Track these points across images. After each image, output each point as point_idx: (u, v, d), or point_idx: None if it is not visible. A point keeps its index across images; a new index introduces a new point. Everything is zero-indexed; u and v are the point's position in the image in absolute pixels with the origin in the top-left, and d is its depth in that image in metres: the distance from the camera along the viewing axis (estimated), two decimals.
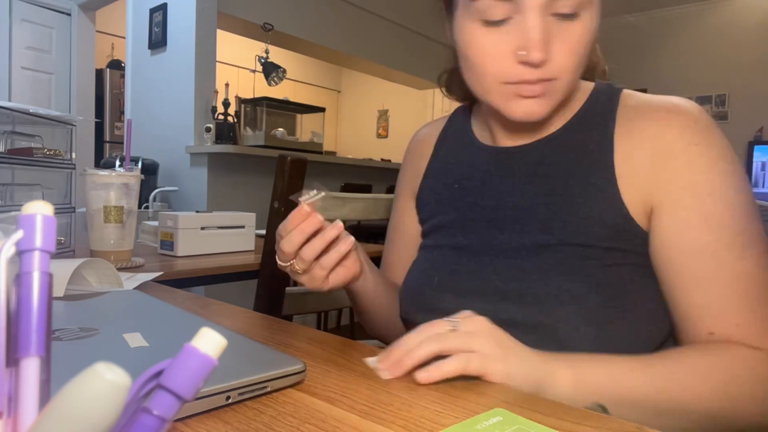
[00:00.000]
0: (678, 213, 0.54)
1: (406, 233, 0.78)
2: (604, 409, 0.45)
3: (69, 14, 4.27)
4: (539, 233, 0.59)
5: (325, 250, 0.57)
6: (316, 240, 0.56)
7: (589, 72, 0.66)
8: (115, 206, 1.00)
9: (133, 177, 1.03)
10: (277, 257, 0.60)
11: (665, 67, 5.03)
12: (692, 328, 0.54)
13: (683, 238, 0.53)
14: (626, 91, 0.62)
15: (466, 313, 0.48)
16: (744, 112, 4.63)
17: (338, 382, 0.44)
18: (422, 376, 0.43)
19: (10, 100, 3.91)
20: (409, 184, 0.79)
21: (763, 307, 0.51)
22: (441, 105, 6.00)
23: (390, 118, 6.79)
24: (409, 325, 0.69)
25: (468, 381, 0.45)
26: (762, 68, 4.56)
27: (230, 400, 0.38)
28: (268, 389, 0.40)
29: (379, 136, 6.88)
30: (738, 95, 4.68)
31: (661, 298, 0.57)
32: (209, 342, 0.18)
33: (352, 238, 0.59)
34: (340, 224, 0.55)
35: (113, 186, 1.00)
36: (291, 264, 0.58)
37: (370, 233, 3.13)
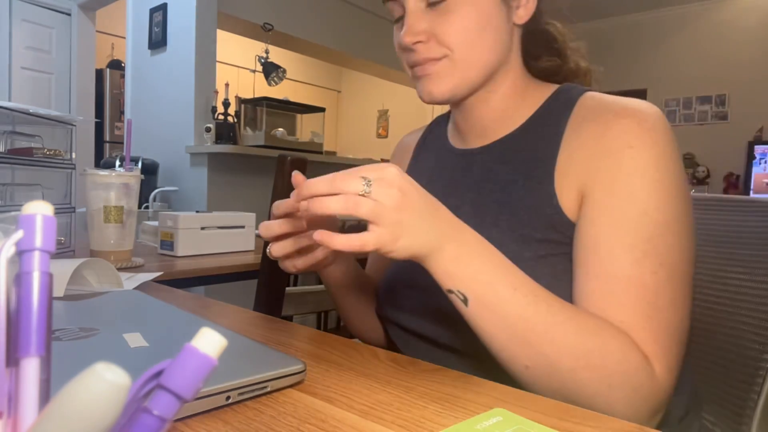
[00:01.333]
0: (592, 209, 0.54)
1: None
2: (464, 301, 0.47)
3: (69, 14, 4.27)
4: (491, 228, 0.60)
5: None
6: (288, 243, 0.56)
7: (568, 74, 0.70)
8: (115, 206, 1.00)
9: (133, 177, 1.03)
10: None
11: (665, 67, 5.03)
12: None
13: (587, 232, 0.54)
14: (589, 93, 0.62)
15: (383, 170, 0.46)
16: (744, 112, 4.63)
17: (338, 382, 0.44)
18: (317, 237, 0.45)
19: (10, 100, 3.91)
20: None
21: (650, 313, 0.50)
22: (441, 105, 6.00)
23: (390, 118, 6.79)
24: (383, 321, 0.72)
25: (468, 381, 0.45)
26: (762, 68, 4.55)
27: (230, 400, 0.38)
28: (268, 389, 0.40)
29: (379, 136, 6.88)
30: (738, 95, 4.68)
31: None
32: (209, 342, 0.18)
33: (325, 252, 0.59)
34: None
35: (113, 186, 1.00)
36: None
37: None
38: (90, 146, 4.27)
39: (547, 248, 0.57)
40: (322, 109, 3.95)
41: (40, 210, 0.19)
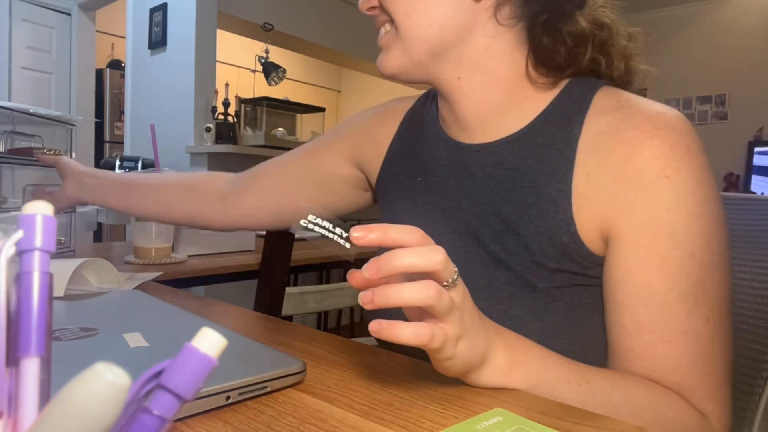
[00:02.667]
0: (632, 251, 0.49)
1: (320, 168, 0.75)
2: None
3: (69, 14, 4.27)
4: (492, 243, 0.55)
5: None
6: None
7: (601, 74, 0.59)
8: None
9: None
10: None
11: (665, 66, 5.03)
12: (627, 370, 0.50)
13: (633, 280, 0.49)
14: (604, 90, 0.55)
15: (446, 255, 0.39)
16: (744, 112, 4.63)
17: (338, 382, 0.44)
18: (374, 327, 0.36)
19: (10, 100, 3.91)
20: (357, 144, 0.73)
21: (706, 368, 0.48)
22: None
23: None
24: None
25: None
26: (762, 68, 4.55)
27: (230, 400, 0.38)
28: (268, 389, 0.40)
29: None
30: (738, 95, 4.68)
31: None
32: (209, 342, 0.18)
33: None
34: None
35: None
36: None
37: None
38: (90, 146, 4.27)
39: (562, 279, 0.52)
40: (322, 109, 3.95)
41: (40, 210, 0.19)
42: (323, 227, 0.39)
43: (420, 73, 0.58)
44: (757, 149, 4.46)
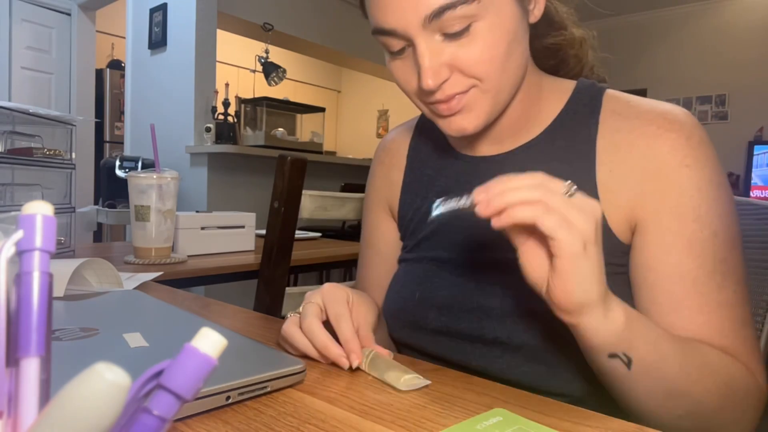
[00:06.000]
0: (661, 236, 0.53)
1: (383, 249, 0.74)
2: (628, 363, 0.44)
3: (69, 14, 4.27)
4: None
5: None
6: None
7: (575, 70, 0.66)
8: (146, 205, 1.07)
9: (167, 179, 1.08)
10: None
11: (665, 67, 5.03)
12: None
13: (665, 262, 0.52)
14: (610, 92, 0.59)
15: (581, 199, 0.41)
16: (744, 112, 4.63)
17: (338, 382, 0.44)
18: (496, 222, 0.41)
19: (10, 100, 3.90)
20: (383, 197, 0.74)
21: (744, 331, 0.52)
22: None
23: (390, 118, 6.79)
24: (397, 342, 0.66)
25: (468, 381, 0.45)
26: (762, 68, 4.55)
27: (230, 400, 0.38)
28: (268, 389, 0.40)
29: (379, 136, 6.87)
30: (738, 95, 4.68)
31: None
32: (209, 342, 0.18)
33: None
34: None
35: (153, 187, 1.07)
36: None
37: None
38: (90, 146, 4.27)
39: None
40: (322, 109, 3.95)
41: (40, 210, 0.19)
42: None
43: (495, 117, 0.58)
44: (757, 149, 4.46)
